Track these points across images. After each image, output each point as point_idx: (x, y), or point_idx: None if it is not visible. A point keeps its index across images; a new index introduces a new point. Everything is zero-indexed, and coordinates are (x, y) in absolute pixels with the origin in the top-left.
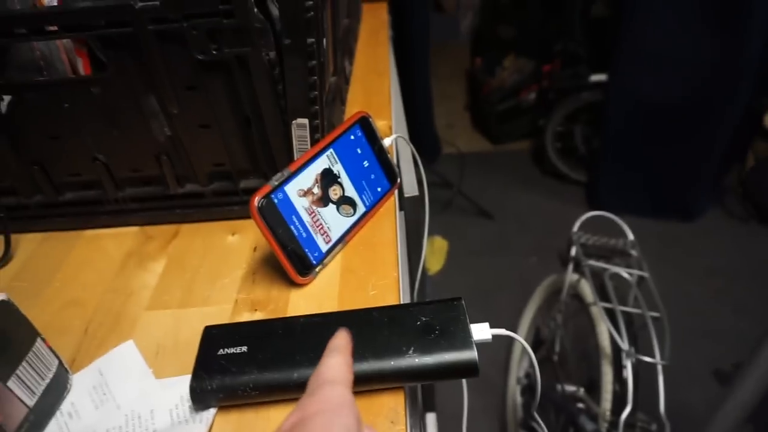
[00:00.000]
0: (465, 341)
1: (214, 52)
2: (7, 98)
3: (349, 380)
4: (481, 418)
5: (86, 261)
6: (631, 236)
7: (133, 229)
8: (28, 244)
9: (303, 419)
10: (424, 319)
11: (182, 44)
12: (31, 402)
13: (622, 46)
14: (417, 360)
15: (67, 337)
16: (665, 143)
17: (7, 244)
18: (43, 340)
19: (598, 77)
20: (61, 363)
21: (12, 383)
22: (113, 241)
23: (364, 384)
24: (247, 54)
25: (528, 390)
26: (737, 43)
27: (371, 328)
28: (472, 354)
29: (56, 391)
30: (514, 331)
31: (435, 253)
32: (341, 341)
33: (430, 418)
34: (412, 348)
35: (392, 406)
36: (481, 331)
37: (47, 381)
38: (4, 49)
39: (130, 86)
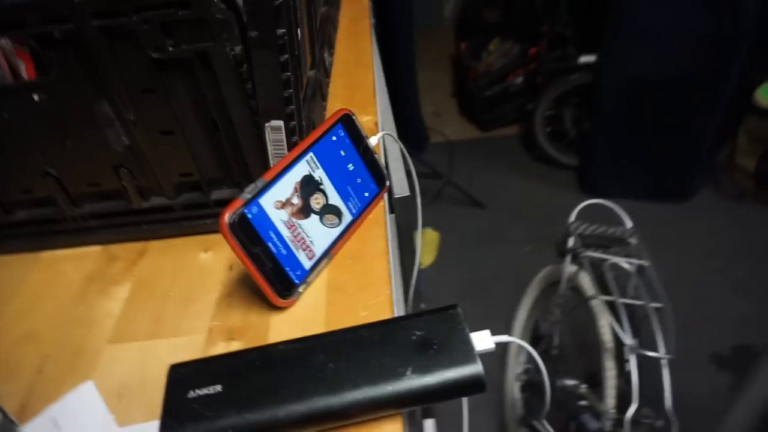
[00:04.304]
0: (467, 354)
1: (170, 49)
2: None
3: None
4: (478, 415)
5: (43, 288)
6: (629, 224)
7: (96, 249)
8: None
9: None
10: (419, 333)
11: (134, 41)
12: None
13: (613, 23)
14: (416, 381)
15: (18, 379)
16: (658, 123)
17: None
18: None
19: (586, 58)
20: (5, 414)
21: None
22: (73, 264)
23: (360, 415)
24: (209, 50)
25: (528, 387)
26: (731, 15)
27: (361, 350)
28: (476, 368)
29: None
30: (512, 324)
31: (426, 245)
32: None
33: (428, 425)
34: (410, 368)
35: None
36: (483, 340)
37: None
38: None
39: (79, 91)
